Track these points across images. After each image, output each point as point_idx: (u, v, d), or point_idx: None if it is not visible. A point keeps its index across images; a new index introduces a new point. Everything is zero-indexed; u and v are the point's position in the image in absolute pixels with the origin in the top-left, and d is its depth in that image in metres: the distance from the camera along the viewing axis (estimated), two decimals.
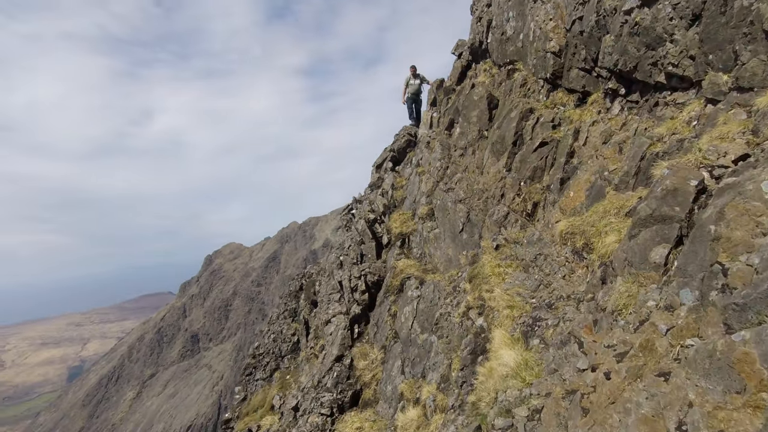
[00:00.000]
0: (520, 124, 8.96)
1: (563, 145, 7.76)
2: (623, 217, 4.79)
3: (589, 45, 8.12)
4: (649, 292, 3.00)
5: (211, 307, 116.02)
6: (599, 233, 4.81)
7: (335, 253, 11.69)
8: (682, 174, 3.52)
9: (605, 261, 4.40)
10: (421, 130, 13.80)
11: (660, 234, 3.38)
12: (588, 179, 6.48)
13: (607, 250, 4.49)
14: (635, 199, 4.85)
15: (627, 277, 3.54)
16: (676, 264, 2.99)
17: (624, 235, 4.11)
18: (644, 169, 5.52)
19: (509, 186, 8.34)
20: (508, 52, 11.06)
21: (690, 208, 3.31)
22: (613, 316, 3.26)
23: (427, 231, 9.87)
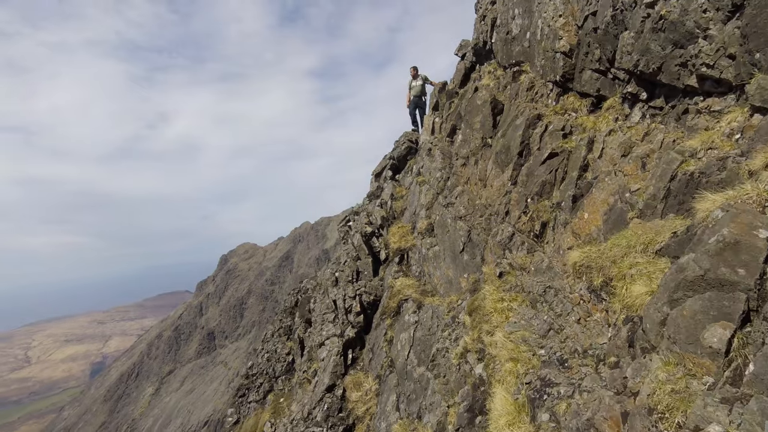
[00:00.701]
0: (526, 132, 7.95)
1: (575, 157, 6.74)
2: (652, 256, 3.81)
3: (604, 43, 7.08)
4: (709, 404, 2.04)
5: (227, 306, 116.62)
6: (622, 275, 3.84)
7: (331, 268, 10.84)
8: (744, 220, 2.54)
9: (632, 316, 3.45)
10: (422, 136, 12.84)
11: (717, 306, 2.41)
12: (605, 200, 5.46)
13: (633, 301, 3.53)
14: (667, 232, 3.86)
15: (667, 355, 2.59)
16: (752, 368, 2.03)
17: (657, 285, 3.14)
18: (675, 191, 4.50)
19: (514, 202, 7.34)
20: (514, 52, 10.03)
21: (762, 272, 2.34)
22: (651, 418, 2.32)
23: (426, 248, 8.94)
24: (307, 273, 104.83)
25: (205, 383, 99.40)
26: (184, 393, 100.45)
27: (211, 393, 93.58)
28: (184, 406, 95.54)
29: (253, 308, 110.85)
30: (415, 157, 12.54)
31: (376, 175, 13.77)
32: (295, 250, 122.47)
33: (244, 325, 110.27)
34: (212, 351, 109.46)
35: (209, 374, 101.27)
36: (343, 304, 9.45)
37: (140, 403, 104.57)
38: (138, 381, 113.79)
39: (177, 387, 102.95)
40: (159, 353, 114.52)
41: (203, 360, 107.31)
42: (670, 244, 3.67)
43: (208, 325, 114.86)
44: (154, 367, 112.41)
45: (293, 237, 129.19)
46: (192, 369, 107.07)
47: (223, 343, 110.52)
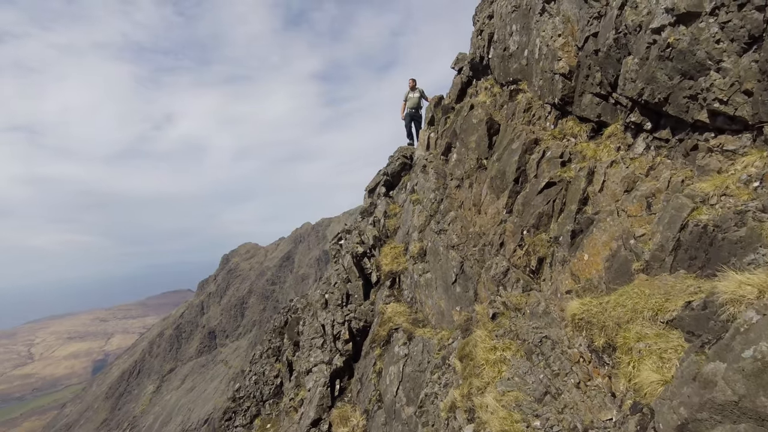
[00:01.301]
0: (523, 157, 7.45)
1: (575, 189, 6.24)
2: (663, 326, 3.32)
3: (606, 67, 6.58)
4: None
5: (228, 305, 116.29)
6: (628, 348, 3.35)
7: (321, 289, 10.34)
8: None
9: (641, 404, 2.96)
10: (417, 151, 12.34)
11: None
12: (607, 243, 4.96)
13: (642, 383, 3.05)
14: (679, 299, 3.36)
15: None
16: None
17: (672, 377, 2.64)
18: (687, 244, 4.00)
19: (510, 233, 6.84)
20: (511, 69, 9.53)
21: None
22: None
23: (418, 274, 8.46)
24: (308, 273, 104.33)
25: (205, 381, 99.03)
26: (184, 391, 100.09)
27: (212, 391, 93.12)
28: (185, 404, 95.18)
29: (254, 308, 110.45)
30: (410, 174, 12.04)
31: (369, 191, 13.24)
32: (296, 251, 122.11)
33: (244, 324, 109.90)
34: (213, 350, 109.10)
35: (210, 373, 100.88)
36: (332, 330, 8.96)
37: (141, 400, 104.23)
38: (139, 379, 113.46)
39: (178, 385, 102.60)
40: (160, 351, 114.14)
41: (204, 358, 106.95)
42: (683, 317, 3.18)
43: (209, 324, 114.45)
44: (156, 365, 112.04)
45: (294, 237, 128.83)
46: (193, 367, 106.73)
47: (224, 342, 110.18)
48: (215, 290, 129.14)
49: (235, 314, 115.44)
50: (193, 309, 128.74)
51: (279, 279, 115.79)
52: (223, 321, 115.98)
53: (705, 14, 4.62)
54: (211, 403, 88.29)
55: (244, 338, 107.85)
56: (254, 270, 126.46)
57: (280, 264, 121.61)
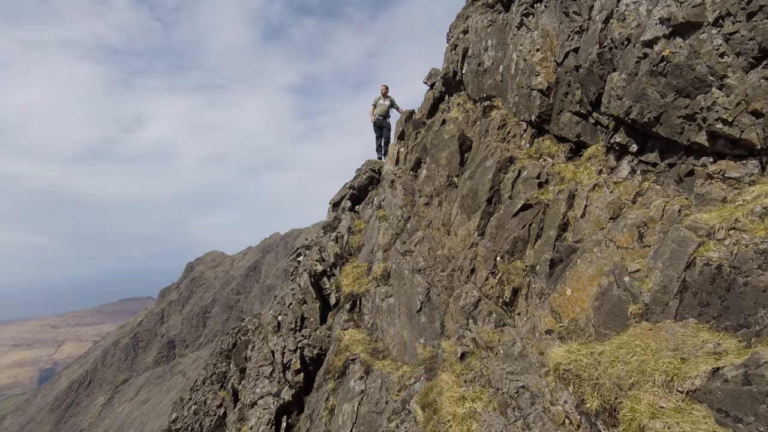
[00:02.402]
0: (497, 176, 6.71)
1: (553, 213, 5.51)
2: (682, 398, 2.52)
3: (587, 84, 5.97)
4: None
5: (190, 314, 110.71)
6: (638, 425, 2.53)
7: (274, 310, 9.15)
8: None
9: None
10: (386, 165, 11.51)
11: None
12: (594, 277, 4.20)
13: None
14: (699, 362, 2.58)
15: None
16: None
17: None
18: (696, 287, 3.25)
19: (482, 258, 6.02)
20: (485, 85, 8.91)
21: None
22: None
23: (380, 298, 7.52)
24: (274, 284, 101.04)
25: (161, 393, 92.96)
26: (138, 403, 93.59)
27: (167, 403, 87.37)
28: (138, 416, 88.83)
29: (217, 317, 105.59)
30: (377, 188, 11.16)
31: (333, 205, 12.22)
32: (264, 261, 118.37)
33: (206, 334, 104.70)
34: (171, 360, 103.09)
35: (166, 384, 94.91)
36: (282, 358, 7.81)
37: (90, 413, 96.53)
38: (89, 390, 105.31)
39: (131, 397, 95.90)
40: (114, 361, 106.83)
41: (161, 369, 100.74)
42: (712, 389, 2.40)
43: (169, 333, 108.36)
44: (108, 375, 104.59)
45: (262, 247, 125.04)
46: (148, 378, 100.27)
47: (183, 353, 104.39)
48: (177, 298, 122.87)
49: (197, 324, 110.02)
50: (152, 317, 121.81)
51: (244, 289, 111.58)
52: (184, 330, 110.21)
53: (707, 24, 4.02)
54: (166, 417, 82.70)
55: (204, 348, 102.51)
56: (219, 279, 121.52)
57: (246, 274, 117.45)
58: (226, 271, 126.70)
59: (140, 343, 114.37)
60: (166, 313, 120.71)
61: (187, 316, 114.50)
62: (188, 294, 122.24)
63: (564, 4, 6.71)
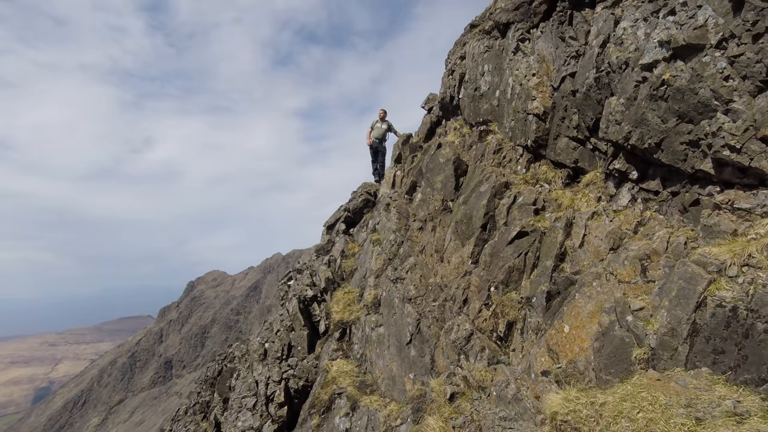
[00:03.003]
0: (492, 201, 6.40)
1: (550, 241, 5.16)
2: None
3: (584, 109, 5.73)
4: None
5: (188, 334, 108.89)
6: None
7: (261, 336, 8.67)
8: None
9: None
10: (382, 188, 11.24)
11: None
12: (594, 314, 3.81)
13: None
14: (718, 424, 2.17)
15: None
16: None
17: None
18: (709, 331, 2.87)
19: (475, 288, 5.63)
20: (482, 110, 8.72)
21: None
22: None
23: (370, 327, 7.08)
24: (274, 305, 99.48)
25: (156, 414, 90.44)
26: (132, 424, 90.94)
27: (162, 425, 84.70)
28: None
29: (216, 338, 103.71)
30: (372, 211, 10.86)
31: (328, 228, 11.88)
32: (265, 281, 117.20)
33: (203, 354, 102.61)
34: (168, 381, 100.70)
35: (162, 405, 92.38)
36: (266, 389, 7.32)
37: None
38: (84, 410, 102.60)
39: (126, 418, 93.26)
40: (111, 380, 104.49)
41: (157, 390, 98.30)
42: None
43: (167, 353, 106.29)
44: (104, 395, 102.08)
45: (263, 267, 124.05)
46: (144, 399, 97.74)
47: (180, 373, 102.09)
48: (177, 317, 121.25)
49: (195, 344, 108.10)
50: (151, 336, 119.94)
51: (244, 309, 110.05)
52: (182, 350, 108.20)
53: (710, 47, 3.77)
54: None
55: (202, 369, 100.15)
56: (220, 298, 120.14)
57: (247, 294, 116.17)
58: (226, 291, 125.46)
59: (137, 363, 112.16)
60: (164, 333, 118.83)
61: (185, 335, 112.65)
62: (188, 313, 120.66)
63: (560, 29, 6.56)
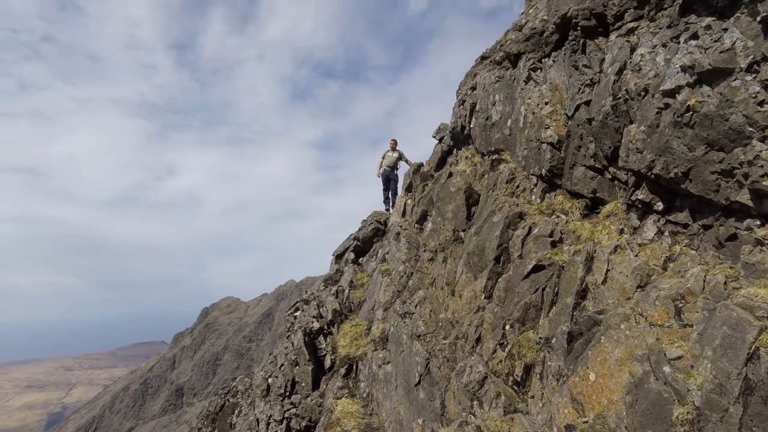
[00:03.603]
0: (505, 232, 6.04)
1: (569, 277, 4.75)
2: None
3: (601, 137, 5.44)
4: None
5: (201, 361, 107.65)
6: None
7: (265, 370, 8.25)
8: None
9: None
10: (392, 217, 10.98)
11: None
12: (624, 362, 3.37)
13: None
14: None
15: None
16: None
17: None
18: (761, 387, 2.42)
19: (489, 326, 5.20)
20: (493, 139, 8.50)
21: None
22: None
23: (377, 364, 6.63)
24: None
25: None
26: None
27: None
28: None
29: (228, 365, 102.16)
30: (382, 240, 10.56)
31: (336, 257, 11.58)
32: (277, 308, 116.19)
33: (215, 382, 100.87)
34: (178, 409, 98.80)
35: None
36: (267, 429, 6.86)
37: None
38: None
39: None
40: (123, 407, 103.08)
41: (167, 418, 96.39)
42: None
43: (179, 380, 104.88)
44: (115, 422, 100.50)
45: (277, 294, 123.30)
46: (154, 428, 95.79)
47: (191, 401, 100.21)
48: (190, 344, 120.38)
49: (207, 371, 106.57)
50: (164, 363, 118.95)
51: (257, 336, 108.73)
52: (194, 378, 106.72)
53: (739, 71, 3.48)
54: None
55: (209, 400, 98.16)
56: (233, 325, 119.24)
57: (259, 321, 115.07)
58: (240, 318, 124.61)
59: (149, 390, 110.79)
60: (177, 359, 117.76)
61: (197, 362, 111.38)
62: (201, 340, 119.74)
63: (573, 57, 6.37)
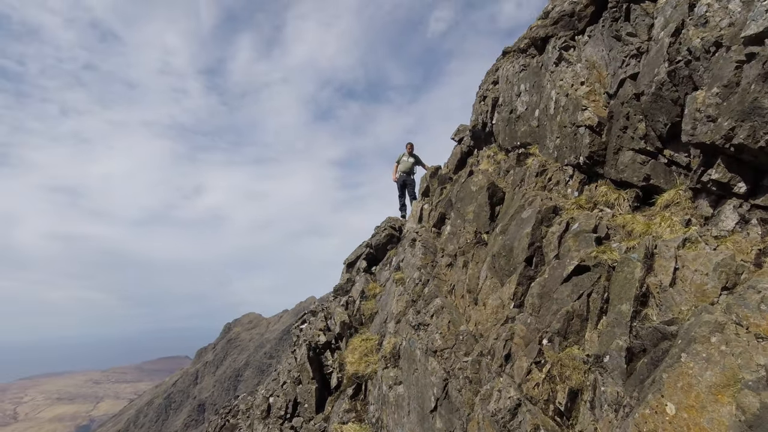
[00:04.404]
0: (537, 229, 5.08)
1: (624, 279, 3.75)
2: None
3: (654, 113, 4.48)
4: None
5: (222, 376, 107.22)
6: None
7: (267, 389, 7.37)
8: None
9: None
10: (408, 223, 10.10)
11: None
12: (722, 388, 2.36)
13: None
14: None
15: None
16: None
17: None
18: None
19: (521, 340, 4.21)
20: (519, 133, 7.60)
21: None
22: None
23: (387, 385, 5.67)
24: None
25: None
26: None
27: None
28: None
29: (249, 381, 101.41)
30: (397, 248, 9.67)
31: (348, 265, 10.67)
32: None
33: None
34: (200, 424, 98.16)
35: None
36: None
37: None
38: None
39: None
40: (146, 422, 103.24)
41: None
42: None
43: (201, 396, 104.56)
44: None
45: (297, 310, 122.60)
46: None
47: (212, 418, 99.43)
48: (212, 359, 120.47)
49: (229, 387, 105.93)
50: (187, 377, 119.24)
51: (277, 352, 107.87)
52: (215, 393, 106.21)
53: None
54: None
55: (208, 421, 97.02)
56: (254, 341, 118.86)
57: (280, 337, 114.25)
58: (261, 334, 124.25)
59: (173, 404, 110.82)
60: (200, 374, 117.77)
61: (219, 378, 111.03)
62: (223, 355, 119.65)
63: (614, 27, 5.48)
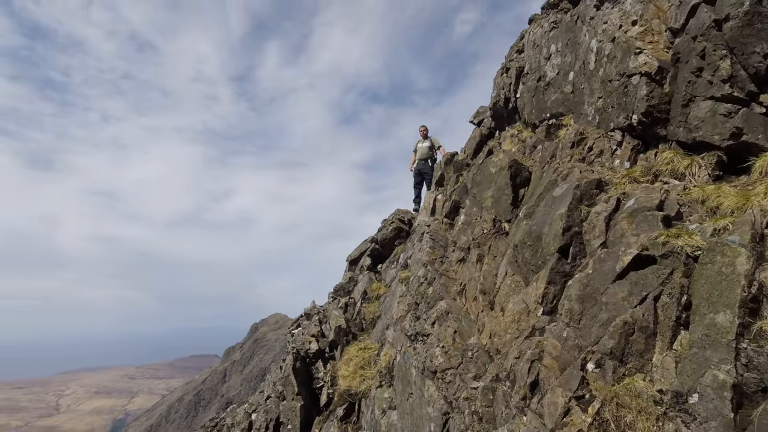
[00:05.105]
0: (575, 210, 3.75)
1: (715, 275, 2.41)
2: None
3: (746, 44, 3.12)
4: None
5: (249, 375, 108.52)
6: None
7: (248, 404, 6.27)
8: None
9: None
10: (419, 216, 8.86)
11: None
12: None
13: None
14: None
15: None
16: None
17: None
18: None
19: (553, 361, 2.92)
20: (549, 102, 6.25)
21: None
22: None
23: (380, 408, 4.45)
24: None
25: None
26: None
27: None
28: None
29: None
30: (405, 243, 8.43)
31: (350, 263, 9.38)
32: None
33: None
34: None
35: None
36: None
37: None
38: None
39: None
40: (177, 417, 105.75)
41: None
42: None
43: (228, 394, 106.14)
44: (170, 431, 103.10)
45: None
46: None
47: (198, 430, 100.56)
48: (240, 358, 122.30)
49: (255, 385, 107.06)
50: (215, 375, 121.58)
51: None
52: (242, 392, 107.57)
53: None
54: None
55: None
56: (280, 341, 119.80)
57: None
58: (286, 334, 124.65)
59: (202, 401, 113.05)
60: (228, 373, 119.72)
61: (246, 377, 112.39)
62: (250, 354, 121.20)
63: None
